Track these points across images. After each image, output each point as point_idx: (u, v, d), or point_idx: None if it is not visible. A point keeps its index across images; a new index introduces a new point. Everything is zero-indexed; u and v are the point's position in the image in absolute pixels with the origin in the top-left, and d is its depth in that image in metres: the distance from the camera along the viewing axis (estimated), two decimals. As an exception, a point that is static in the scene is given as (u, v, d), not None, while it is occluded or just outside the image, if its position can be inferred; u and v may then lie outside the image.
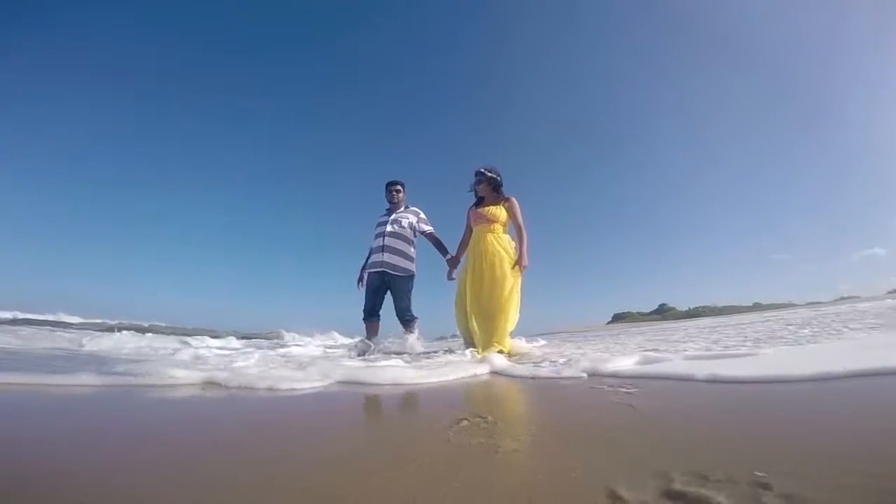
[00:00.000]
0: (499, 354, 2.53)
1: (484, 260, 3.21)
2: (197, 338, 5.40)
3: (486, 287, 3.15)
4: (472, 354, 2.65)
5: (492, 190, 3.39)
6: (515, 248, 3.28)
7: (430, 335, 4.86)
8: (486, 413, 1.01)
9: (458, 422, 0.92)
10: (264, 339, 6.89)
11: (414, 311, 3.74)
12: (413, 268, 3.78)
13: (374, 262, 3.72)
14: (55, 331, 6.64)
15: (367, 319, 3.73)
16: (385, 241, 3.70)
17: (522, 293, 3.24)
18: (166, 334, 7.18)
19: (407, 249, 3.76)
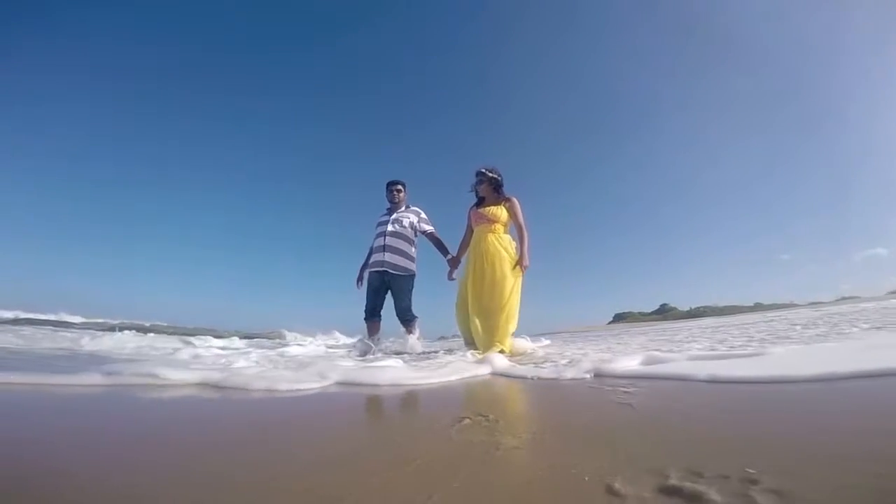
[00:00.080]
0: (500, 355, 2.54)
1: (485, 260, 3.22)
2: (200, 338, 5.42)
3: (487, 287, 3.16)
4: (473, 355, 2.67)
5: (493, 190, 3.40)
6: (516, 248, 3.29)
7: (431, 335, 4.88)
8: (488, 412, 1.02)
9: (460, 420, 0.93)
10: (266, 339, 6.92)
11: (414, 310, 3.75)
12: (414, 267, 3.79)
13: (374, 261, 3.73)
14: (57, 330, 6.68)
15: (368, 319, 3.75)
16: (386, 241, 3.71)
17: (523, 293, 3.25)
18: (168, 334, 7.22)
19: (408, 249, 3.77)
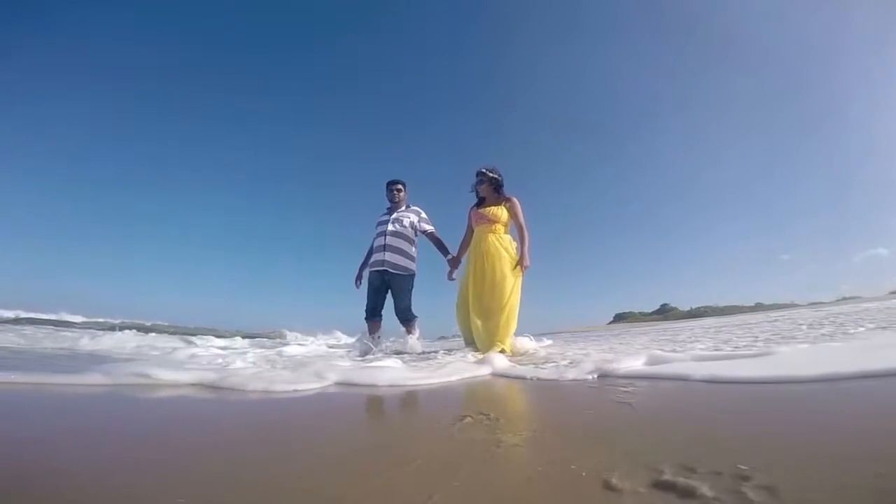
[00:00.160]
0: (500, 355, 2.55)
1: (486, 260, 3.24)
2: (203, 337, 5.45)
3: (487, 287, 3.18)
4: (474, 355, 2.68)
5: (493, 190, 3.42)
6: (517, 248, 3.31)
7: (431, 335, 4.89)
8: (489, 411, 1.04)
9: (462, 419, 0.96)
10: (267, 338, 6.95)
11: (414, 310, 3.76)
12: (414, 267, 3.80)
13: (375, 260, 3.74)
14: (59, 330, 6.71)
15: (369, 319, 3.76)
16: (387, 240, 3.72)
17: (523, 293, 3.26)
18: (170, 334, 7.24)
19: (408, 249, 3.78)
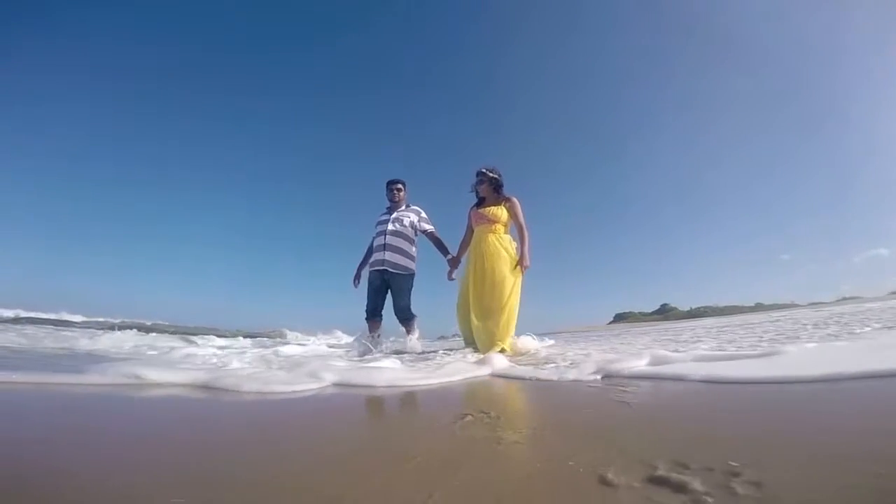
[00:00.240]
0: (500, 355, 2.56)
1: (485, 260, 3.26)
2: (204, 337, 5.46)
3: (487, 287, 3.19)
4: (474, 354, 2.70)
5: (493, 190, 3.43)
6: (517, 248, 3.33)
7: (431, 335, 4.91)
8: (489, 409, 1.06)
9: (463, 417, 0.98)
10: (267, 338, 6.97)
11: (413, 309, 3.77)
12: (413, 266, 3.82)
13: (375, 260, 3.76)
14: (60, 330, 6.73)
15: (369, 319, 3.78)
16: (387, 240, 3.73)
17: (523, 293, 3.28)
18: (170, 333, 7.26)
19: (408, 248, 3.79)
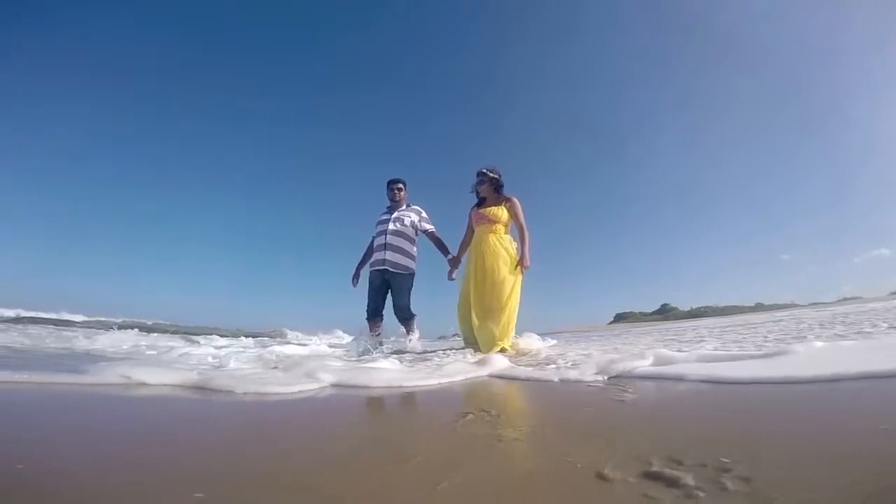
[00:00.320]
0: (500, 355, 2.56)
1: (486, 260, 3.27)
2: (206, 337, 5.45)
3: (488, 287, 3.22)
4: (474, 354, 2.72)
5: (493, 190, 3.45)
6: (517, 248, 3.35)
7: (431, 335, 4.93)
8: (490, 408, 1.08)
9: (464, 415, 1.00)
10: (268, 338, 6.99)
11: (413, 309, 3.79)
12: (414, 266, 3.83)
13: (376, 259, 3.77)
14: (62, 330, 6.75)
15: (370, 319, 3.79)
16: (387, 240, 3.74)
17: (523, 293, 3.30)
18: (171, 333, 7.28)
19: (409, 248, 3.81)
